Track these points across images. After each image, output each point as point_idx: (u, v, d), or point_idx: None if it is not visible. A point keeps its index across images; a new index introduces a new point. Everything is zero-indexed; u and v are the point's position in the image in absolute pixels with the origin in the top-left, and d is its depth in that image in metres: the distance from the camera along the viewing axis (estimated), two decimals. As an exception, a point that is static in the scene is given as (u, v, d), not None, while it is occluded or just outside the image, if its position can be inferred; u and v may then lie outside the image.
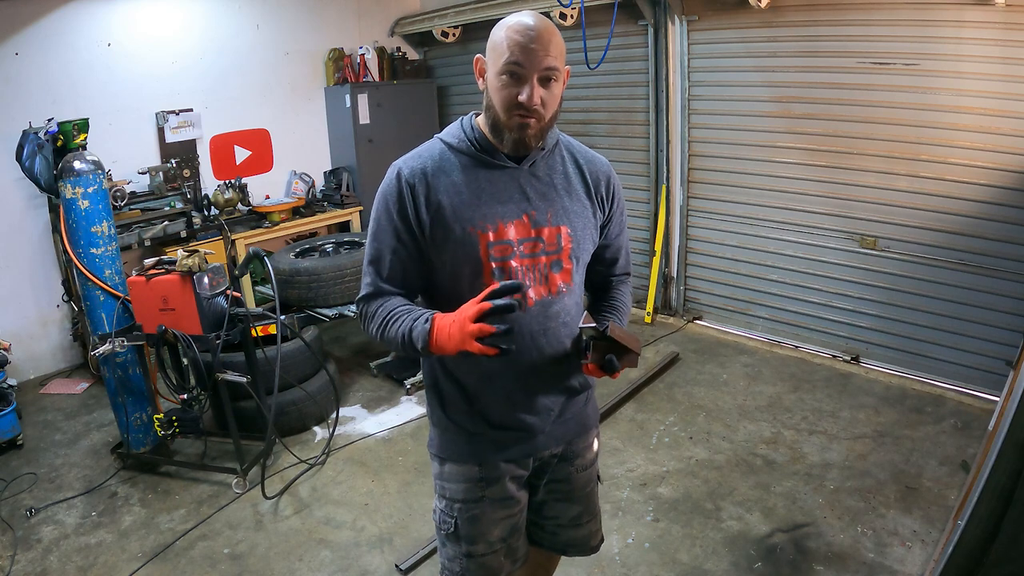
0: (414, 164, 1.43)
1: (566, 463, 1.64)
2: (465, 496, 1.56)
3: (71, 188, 3.06)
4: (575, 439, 1.63)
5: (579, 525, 1.72)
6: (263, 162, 5.40)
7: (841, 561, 2.50)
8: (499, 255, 1.41)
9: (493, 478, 1.55)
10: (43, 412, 4.01)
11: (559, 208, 1.46)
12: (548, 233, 1.44)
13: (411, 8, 6.03)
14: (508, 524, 1.61)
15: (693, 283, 4.88)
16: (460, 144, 1.44)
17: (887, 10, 3.53)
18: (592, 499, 1.73)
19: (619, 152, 4.92)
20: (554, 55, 1.32)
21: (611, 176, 1.56)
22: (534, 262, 1.44)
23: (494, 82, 1.35)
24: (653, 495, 2.96)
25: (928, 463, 3.05)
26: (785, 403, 3.67)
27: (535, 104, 1.32)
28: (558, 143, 1.51)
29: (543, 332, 1.45)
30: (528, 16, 1.34)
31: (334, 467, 3.31)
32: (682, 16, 4.36)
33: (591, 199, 1.51)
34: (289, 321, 3.51)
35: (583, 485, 1.68)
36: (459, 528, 1.57)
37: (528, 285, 1.43)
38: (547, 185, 1.46)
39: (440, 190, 1.40)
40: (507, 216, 1.41)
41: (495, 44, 1.35)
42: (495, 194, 1.41)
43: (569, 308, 1.49)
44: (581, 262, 1.51)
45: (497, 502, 1.57)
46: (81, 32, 4.37)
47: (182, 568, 2.65)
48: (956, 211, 3.52)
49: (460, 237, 1.39)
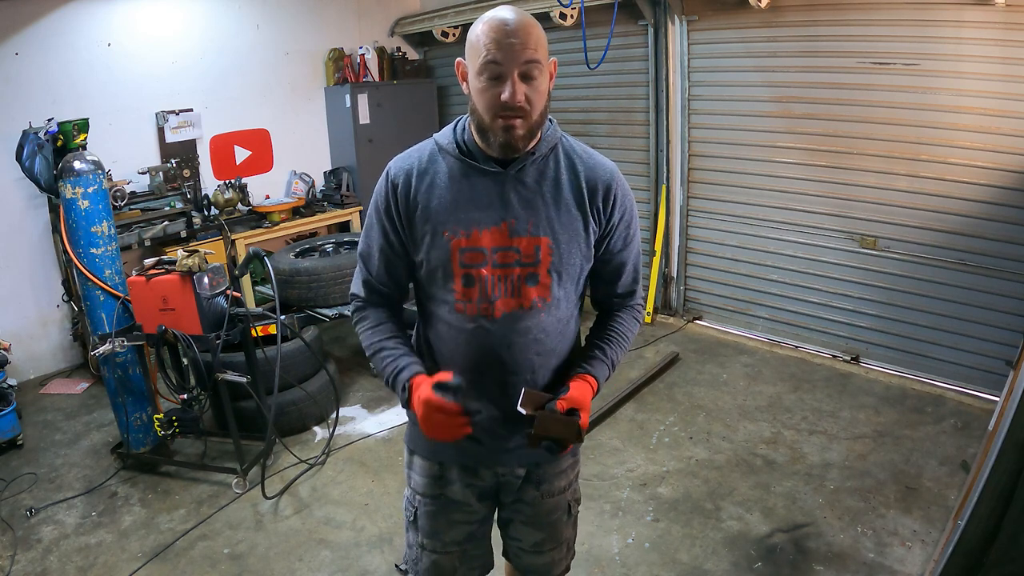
0: (401, 164, 1.43)
1: (532, 486, 1.57)
2: (425, 490, 1.57)
3: (71, 188, 3.06)
4: (544, 464, 1.55)
5: (540, 552, 1.65)
6: (263, 162, 5.40)
7: (841, 561, 2.50)
8: (468, 262, 1.37)
9: (450, 479, 1.55)
10: (43, 412, 4.01)
11: (542, 218, 1.37)
12: (526, 244, 1.36)
13: (411, 8, 6.03)
14: (465, 530, 1.59)
15: (693, 283, 4.88)
16: (448, 146, 1.41)
17: (887, 10, 3.53)
18: (557, 528, 1.64)
19: (619, 152, 4.92)
20: (533, 47, 1.26)
21: (613, 184, 1.43)
22: (506, 272, 1.37)
23: (475, 83, 1.29)
24: (653, 495, 2.96)
25: (928, 463, 3.05)
26: (785, 403, 3.67)
27: (519, 102, 1.26)
28: (556, 146, 1.42)
29: (507, 346, 1.39)
30: (504, 10, 1.28)
31: (334, 467, 3.31)
32: (682, 16, 4.36)
33: (583, 210, 1.40)
34: (289, 321, 3.51)
35: (548, 512, 1.60)
36: (418, 519, 1.60)
37: (496, 296, 1.37)
38: (533, 193, 1.38)
39: (422, 191, 1.39)
40: (483, 223, 1.36)
41: (472, 43, 1.29)
42: (474, 199, 1.37)
43: (545, 325, 1.41)
44: (566, 277, 1.41)
45: (454, 504, 1.56)
46: (81, 32, 4.37)
47: (182, 568, 2.65)
48: (956, 211, 3.52)
49: (434, 240, 1.38)
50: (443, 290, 1.41)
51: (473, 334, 1.40)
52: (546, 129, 1.40)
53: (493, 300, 1.38)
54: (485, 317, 1.38)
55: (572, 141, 1.46)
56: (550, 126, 1.42)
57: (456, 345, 1.42)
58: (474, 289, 1.38)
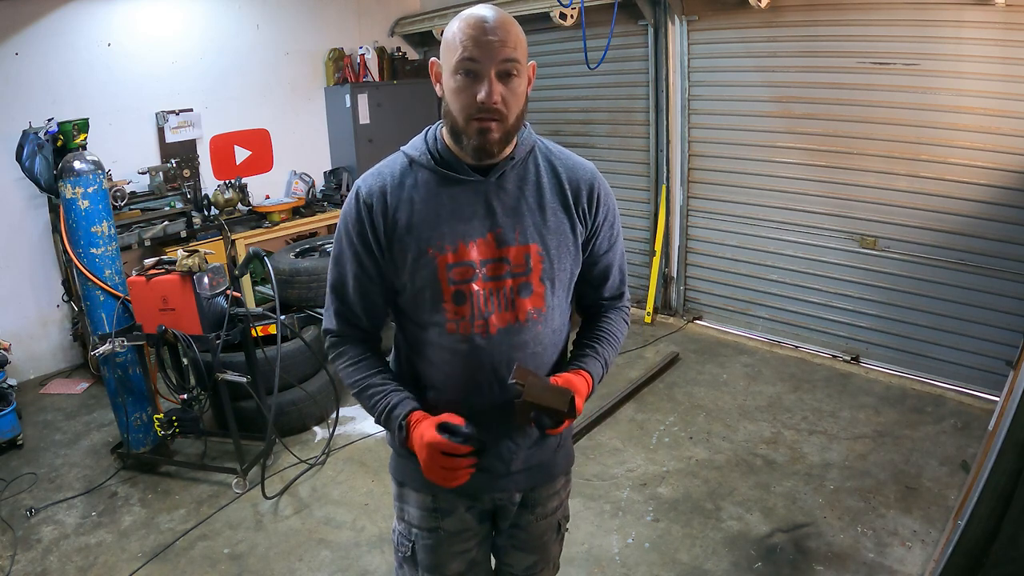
0: (372, 182, 1.33)
1: (526, 511, 1.53)
2: (422, 524, 1.49)
3: (71, 188, 3.06)
4: (539, 486, 1.52)
5: (532, 575, 1.64)
6: (263, 162, 5.40)
7: (841, 561, 2.50)
8: (458, 278, 1.29)
9: (447, 510, 1.47)
10: (43, 412, 4.01)
11: (528, 224, 1.31)
12: (515, 253, 1.30)
13: (411, 8, 6.03)
14: (466, 559, 1.53)
15: (693, 283, 4.88)
16: (421, 158, 1.32)
17: (887, 10, 3.53)
18: (548, 548, 1.62)
19: (619, 152, 4.92)
20: (512, 46, 1.19)
21: (595, 184, 1.38)
22: (498, 285, 1.30)
23: (449, 83, 1.22)
24: (653, 495, 2.96)
25: (928, 463, 3.05)
26: (785, 403, 3.67)
27: (495, 102, 1.19)
28: (533, 150, 1.36)
29: (506, 364, 1.31)
30: (482, 8, 1.22)
31: (334, 467, 3.31)
32: (682, 16, 4.36)
33: (569, 212, 1.35)
34: (289, 321, 3.51)
35: (540, 534, 1.58)
36: (416, 554, 1.51)
37: (490, 311, 1.30)
38: (516, 199, 1.31)
39: (399, 209, 1.30)
40: (469, 235, 1.29)
41: (447, 41, 1.22)
42: (457, 211, 1.29)
43: (542, 337, 1.35)
44: (558, 284, 1.36)
45: (454, 535, 1.49)
46: (81, 32, 4.37)
47: (182, 568, 2.65)
48: (956, 211, 3.52)
49: (418, 259, 1.29)
50: (432, 312, 1.32)
51: (469, 355, 1.32)
52: (521, 133, 1.34)
53: (487, 315, 1.31)
54: (480, 335, 1.31)
55: (547, 143, 1.41)
56: (525, 129, 1.35)
57: (452, 369, 1.34)
58: (466, 307, 1.30)
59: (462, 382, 1.35)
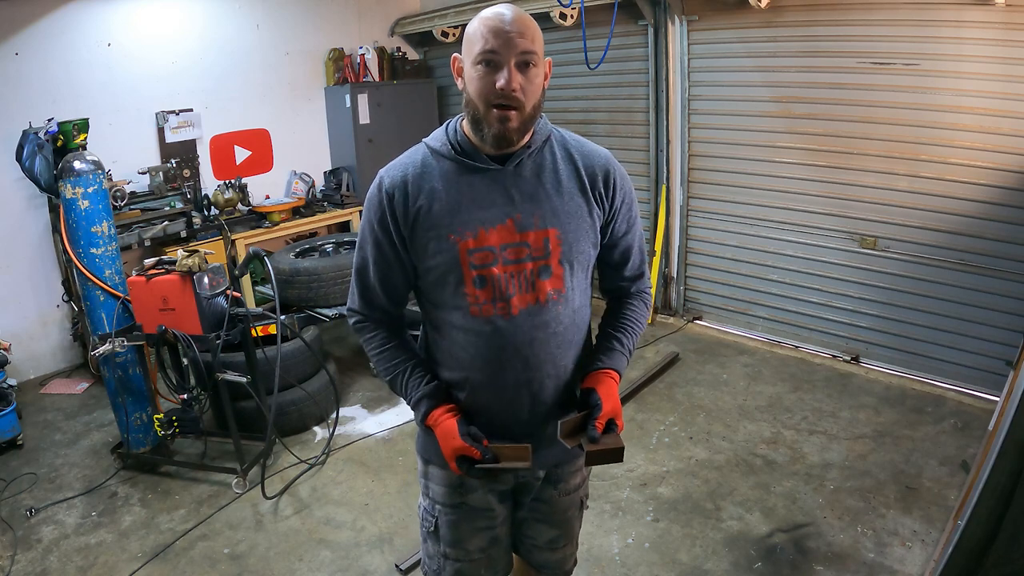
0: (395, 173, 1.40)
1: (550, 485, 1.60)
2: (445, 500, 1.56)
3: (71, 188, 3.06)
4: (563, 464, 1.58)
5: (555, 549, 1.68)
6: (263, 162, 5.40)
7: (841, 561, 2.50)
8: (479, 262, 1.36)
9: (471, 487, 1.53)
10: (43, 412, 4.01)
11: (547, 209, 1.37)
12: (535, 237, 1.37)
13: (411, 8, 6.03)
14: (488, 536, 1.59)
15: (693, 283, 4.88)
16: (442, 148, 1.39)
17: (887, 10, 3.52)
18: (571, 524, 1.69)
19: (619, 152, 4.80)
20: (530, 39, 1.27)
21: (611, 168, 1.45)
22: (519, 268, 1.37)
23: (471, 73, 1.30)
24: (653, 495, 2.96)
25: (928, 463, 3.05)
26: (785, 403, 3.67)
27: (514, 89, 1.26)
28: (549, 138, 1.42)
29: (529, 343, 1.39)
30: (502, 6, 1.31)
31: (334, 467, 3.31)
32: (682, 16, 4.36)
33: (587, 196, 1.41)
34: (289, 321, 3.51)
35: (564, 509, 1.64)
36: (439, 529, 1.58)
37: (511, 293, 1.37)
38: (535, 185, 1.38)
39: (420, 198, 1.37)
40: (489, 221, 1.35)
41: (469, 37, 1.30)
42: (476, 199, 1.36)
43: (562, 317, 1.42)
44: (577, 266, 1.42)
45: (477, 511, 1.56)
46: (81, 32, 4.37)
47: (182, 568, 2.65)
48: (956, 211, 3.52)
49: (440, 245, 1.36)
50: (455, 295, 1.39)
51: (492, 335, 1.38)
52: (538, 124, 1.40)
53: (509, 297, 1.37)
54: (502, 316, 1.37)
55: (563, 131, 1.47)
56: (541, 120, 1.41)
57: (476, 350, 1.41)
58: (487, 289, 1.37)
59: (488, 361, 1.41)
